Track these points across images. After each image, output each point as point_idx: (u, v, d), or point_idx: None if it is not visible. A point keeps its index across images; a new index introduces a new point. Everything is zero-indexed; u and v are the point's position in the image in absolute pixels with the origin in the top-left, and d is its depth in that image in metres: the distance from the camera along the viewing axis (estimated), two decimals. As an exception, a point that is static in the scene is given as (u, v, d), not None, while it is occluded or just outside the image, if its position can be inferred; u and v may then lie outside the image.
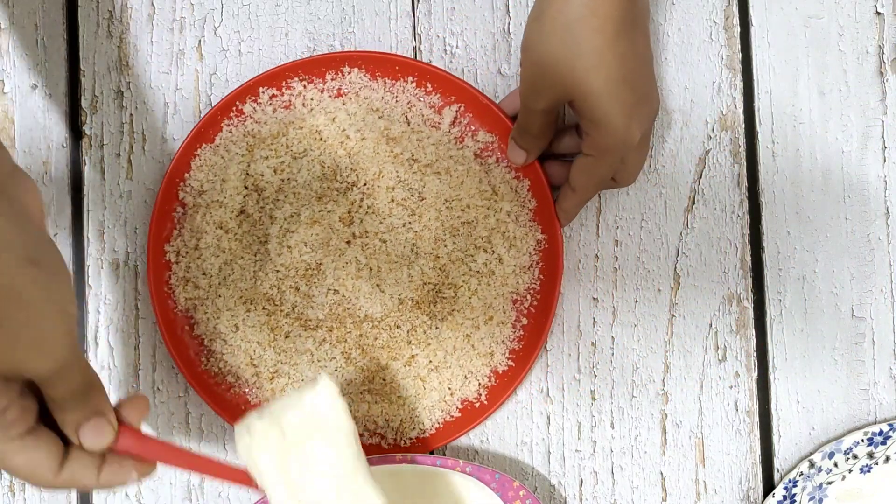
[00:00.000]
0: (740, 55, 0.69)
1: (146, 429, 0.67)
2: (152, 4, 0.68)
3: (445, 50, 0.68)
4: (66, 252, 0.67)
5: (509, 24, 0.68)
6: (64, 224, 0.68)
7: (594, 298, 0.68)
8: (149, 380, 0.67)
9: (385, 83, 0.66)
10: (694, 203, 0.68)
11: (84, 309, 0.68)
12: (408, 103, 0.66)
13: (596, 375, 0.68)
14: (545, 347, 0.68)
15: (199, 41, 0.68)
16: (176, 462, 0.53)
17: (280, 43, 0.68)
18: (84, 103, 0.68)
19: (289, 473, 0.54)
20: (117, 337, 0.67)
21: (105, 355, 0.67)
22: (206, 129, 0.66)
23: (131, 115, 0.68)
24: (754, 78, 0.68)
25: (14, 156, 0.68)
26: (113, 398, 0.68)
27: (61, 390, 0.47)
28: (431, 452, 0.67)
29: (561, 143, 0.65)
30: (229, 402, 0.66)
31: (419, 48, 0.68)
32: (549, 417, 0.68)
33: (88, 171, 0.68)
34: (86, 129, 0.68)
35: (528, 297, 0.66)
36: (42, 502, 0.67)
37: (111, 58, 0.68)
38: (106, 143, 0.68)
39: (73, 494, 0.67)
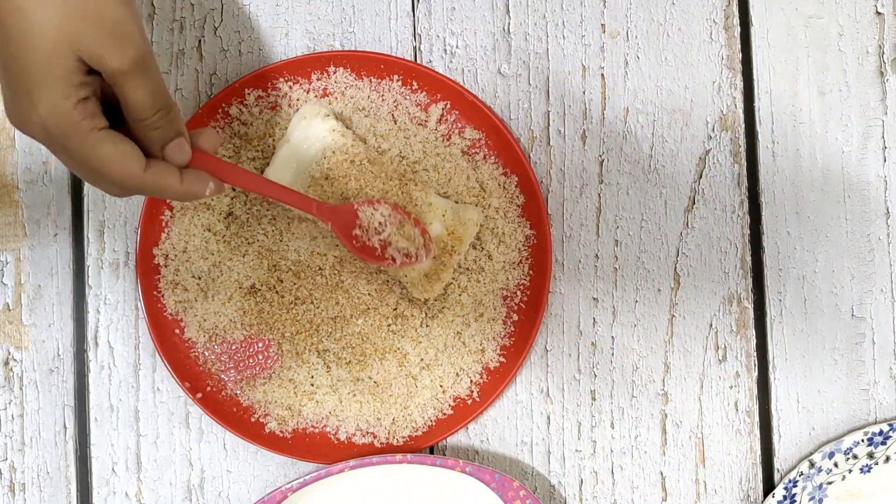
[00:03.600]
0: (740, 55, 0.68)
1: (147, 429, 0.67)
2: (152, 4, 0.68)
3: (445, 50, 0.68)
4: (66, 252, 0.68)
5: (509, 24, 0.68)
6: (64, 224, 0.68)
7: (594, 298, 0.68)
8: (149, 380, 0.67)
9: (371, 82, 0.66)
10: (694, 203, 0.68)
11: (84, 309, 0.68)
12: (394, 102, 0.66)
13: (596, 375, 0.68)
14: (545, 347, 0.68)
15: (199, 41, 0.68)
16: (243, 183, 0.57)
17: (280, 43, 0.68)
18: (84, 103, 0.68)
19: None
20: (117, 337, 0.67)
21: (105, 355, 0.67)
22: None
23: (131, 115, 0.68)
24: (754, 78, 0.68)
25: (14, 156, 0.68)
26: (112, 398, 0.68)
27: (142, 93, 0.50)
28: (431, 452, 0.67)
29: None
30: (222, 404, 0.66)
31: (419, 48, 0.68)
32: (549, 417, 0.68)
33: (88, 171, 0.68)
34: (86, 129, 0.68)
35: (518, 293, 0.66)
36: (42, 502, 0.67)
37: (111, 58, 0.68)
38: (106, 143, 0.68)
39: (73, 494, 0.67)
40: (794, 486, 0.66)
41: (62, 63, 0.48)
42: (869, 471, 0.67)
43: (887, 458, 0.67)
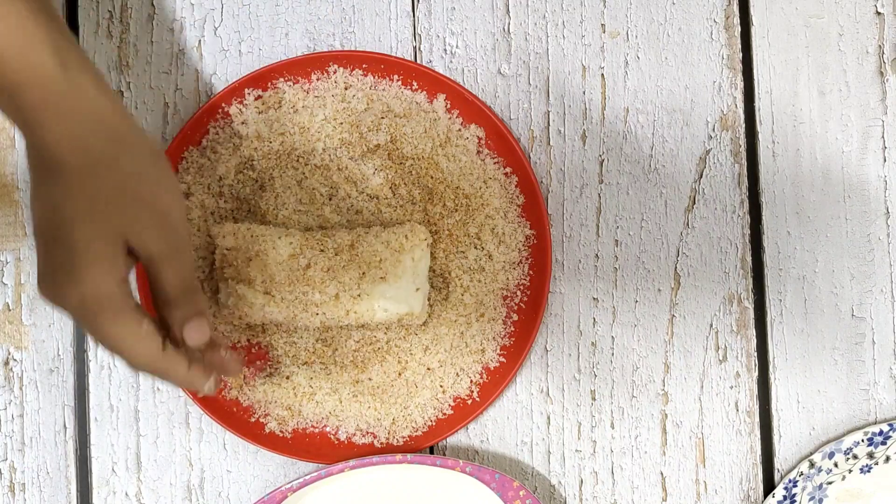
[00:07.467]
0: (741, 55, 0.68)
1: (147, 428, 0.67)
2: (152, 4, 0.68)
3: (445, 50, 0.68)
4: (66, 252, 0.68)
5: (509, 24, 0.68)
6: (64, 224, 0.68)
7: (594, 298, 0.68)
8: (149, 380, 0.67)
9: (371, 81, 0.66)
10: (694, 203, 0.68)
11: (84, 309, 0.68)
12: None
13: (596, 375, 0.68)
14: (545, 347, 0.68)
15: (199, 41, 0.68)
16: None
17: (280, 43, 0.68)
18: (84, 103, 0.68)
19: None
20: (117, 337, 0.67)
21: (105, 355, 0.67)
22: (192, 132, 0.66)
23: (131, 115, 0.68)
24: (755, 78, 0.68)
25: (14, 156, 0.68)
26: (112, 398, 0.68)
27: (174, 277, 0.52)
28: (431, 452, 0.67)
29: None
30: (222, 404, 0.66)
31: (419, 48, 0.68)
32: (549, 417, 0.68)
33: (88, 171, 0.68)
34: (86, 129, 0.68)
35: (518, 293, 0.66)
36: (42, 502, 0.67)
37: (111, 58, 0.68)
38: (106, 143, 0.68)
39: (73, 494, 0.67)
40: (795, 486, 0.66)
41: (112, 244, 0.50)
42: (869, 471, 0.67)
43: (887, 458, 0.67)
